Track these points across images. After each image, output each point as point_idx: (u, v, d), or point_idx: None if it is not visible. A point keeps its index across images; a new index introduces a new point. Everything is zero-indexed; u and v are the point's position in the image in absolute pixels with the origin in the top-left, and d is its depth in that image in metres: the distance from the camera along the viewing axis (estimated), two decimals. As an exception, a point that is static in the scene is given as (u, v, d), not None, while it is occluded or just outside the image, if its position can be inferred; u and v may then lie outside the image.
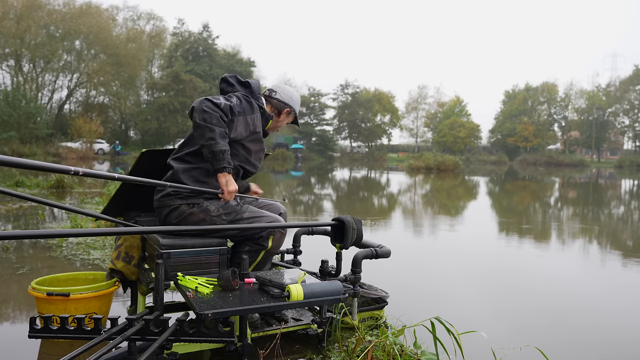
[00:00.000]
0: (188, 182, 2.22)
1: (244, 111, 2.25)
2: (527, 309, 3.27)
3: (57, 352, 2.25)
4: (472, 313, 3.13)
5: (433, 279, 4.06)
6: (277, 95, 2.55)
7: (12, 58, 40.05)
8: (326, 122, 61.33)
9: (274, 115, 2.55)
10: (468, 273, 4.25)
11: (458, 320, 2.25)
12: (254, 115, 2.31)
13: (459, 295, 3.52)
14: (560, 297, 3.57)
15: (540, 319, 3.03)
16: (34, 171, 14.21)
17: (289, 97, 2.58)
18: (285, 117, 2.60)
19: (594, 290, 3.89)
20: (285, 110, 2.57)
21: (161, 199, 2.26)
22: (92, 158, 33.95)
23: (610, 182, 23.40)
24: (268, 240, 2.30)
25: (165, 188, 2.23)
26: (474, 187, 17.57)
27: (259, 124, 2.37)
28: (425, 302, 3.37)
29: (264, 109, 2.43)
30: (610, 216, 9.36)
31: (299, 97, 2.66)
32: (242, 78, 2.48)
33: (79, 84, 44.83)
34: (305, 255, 3.13)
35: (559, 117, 60.82)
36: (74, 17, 41.73)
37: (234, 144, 2.29)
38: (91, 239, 4.92)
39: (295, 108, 2.61)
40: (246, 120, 2.25)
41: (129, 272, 2.45)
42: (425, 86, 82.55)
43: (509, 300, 3.49)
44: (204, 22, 62.11)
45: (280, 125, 2.64)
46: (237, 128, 2.22)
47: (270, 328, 2.28)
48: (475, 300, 3.41)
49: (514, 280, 4.10)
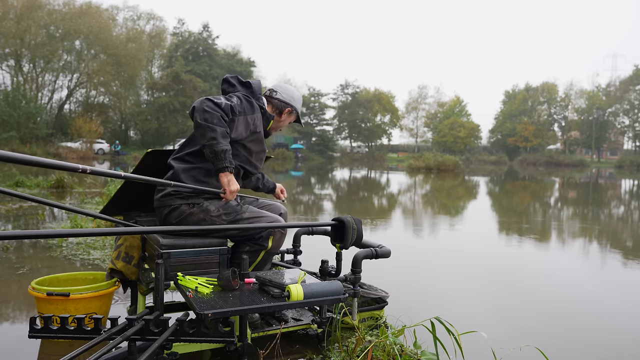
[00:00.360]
0: (188, 181, 2.21)
1: (245, 111, 2.24)
2: (528, 308, 3.27)
3: (57, 352, 2.25)
4: (472, 313, 3.13)
5: (433, 279, 4.06)
6: (277, 95, 2.54)
7: (12, 58, 40.07)
8: (326, 122, 61.40)
9: (275, 115, 2.54)
10: (468, 273, 4.25)
11: (458, 320, 2.25)
12: (255, 115, 2.30)
13: (459, 295, 3.52)
14: (560, 297, 3.57)
15: (540, 319, 3.03)
16: (34, 171, 14.21)
17: (290, 97, 2.56)
18: (287, 116, 2.58)
19: (594, 290, 3.88)
20: (287, 110, 2.55)
21: (161, 199, 2.26)
22: (92, 158, 33.95)
23: (610, 182, 23.40)
24: (268, 241, 2.30)
25: (166, 188, 2.23)
26: (474, 187, 17.57)
27: (259, 124, 2.36)
28: (425, 302, 3.37)
29: (265, 109, 2.42)
30: (610, 216, 9.36)
31: (300, 96, 2.64)
32: (243, 78, 2.48)
33: (79, 84, 44.85)
34: (305, 255, 3.13)
35: (559, 117, 60.86)
36: (74, 17, 41.74)
37: (235, 144, 2.29)
38: (91, 239, 4.92)
39: (297, 107, 2.59)
40: (247, 120, 2.25)
41: (129, 272, 2.45)
42: (425, 86, 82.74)
43: (509, 300, 3.49)
44: (204, 22, 62.22)
45: (282, 125, 2.62)
46: (238, 128, 2.21)
47: (270, 328, 2.28)
48: (476, 300, 3.41)
49: (514, 280, 4.10)
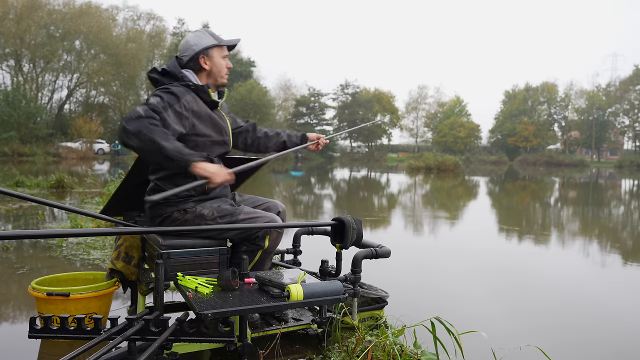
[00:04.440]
0: (169, 188, 2.07)
1: (169, 104, 2.05)
2: (528, 308, 3.27)
3: (57, 352, 2.25)
4: (473, 313, 3.13)
5: (433, 279, 4.06)
6: (184, 54, 2.26)
7: (12, 58, 40.05)
8: (326, 122, 61.38)
9: (205, 70, 2.27)
10: (468, 272, 4.25)
11: (458, 320, 2.24)
12: (182, 100, 2.10)
13: (460, 295, 3.52)
14: (561, 297, 3.57)
15: (541, 319, 3.03)
16: (34, 171, 14.23)
17: (187, 45, 2.25)
18: (208, 61, 2.26)
19: (599, 290, 3.88)
20: (200, 58, 2.25)
21: (151, 209, 2.20)
22: (92, 158, 33.95)
23: (610, 182, 23.40)
24: (265, 240, 2.26)
25: (151, 199, 2.08)
26: (474, 187, 17.57)
27: (195, 103, 2.16)
28: (426, 301, 3.37)
29: (194, 83, 2.19)
30: (611, 215, 9.36)
31: (197, 35, 2.28)
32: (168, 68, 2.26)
33: (79, 84, 44.85)
34: (305, 255, 3.13)
35: (559, 117, 60.82)
36: (74, 17, 41.73)
37: (187, 137, 2.13)
38: (91, 239, 4.92)
39: (202, 42, 2.24)
40: (176, 111, 2.06)
41: (129, 272, 2.44)
42: (425, 86, 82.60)
43: (510, 299, 3.49)
44: (204, 22, 62.08)
45: (219, 70, 2.29)
46: (173, 124, 2.04)
47: (270, 328, 2.28)
48: (476, 300, 3.41)
49: (515, 279, 4.10)
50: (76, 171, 17.74)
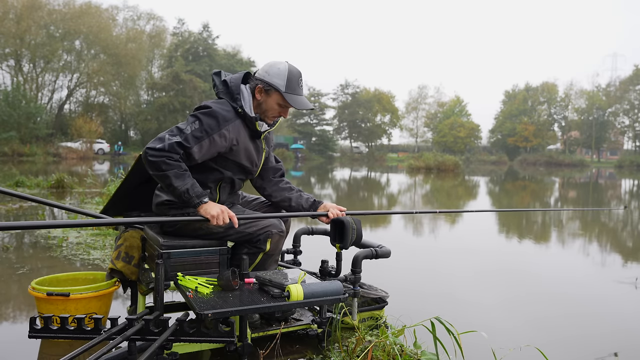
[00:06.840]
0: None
1: (207, 131, 2.07)
2: (528, 308, 3.27)
3: (57, 352, 2.25)
4: (473, 313, 3.12)
5: (433, 279, 4.05)
6: (258, 73, 2.23)
7: (12, 58, 40.05)
8: (326, 122, 61.44)
9: (257, 100, 2.23)
10: (468, 272, 4.25)
11: (458, 320, 2.24)
12: (223, 129, 2.10)
13: (459, 295, 3.52)
14: (561, 297, 3.57)
15: (541, 319, 3.03)
16: (34, 171, 14.22)
17: (265, 72, 2.20)
18: (265, 96, 2.20)
19: (599, 290, 3.88)
20: (257, 88, 2.20)
21: (156, 208, 2.28)
22: (92, 158, 33.94)
23: (610, 182, 23.40)
24: (266, 243, 2.25)
25: (160, 195, 2.25)
26: (474, 187, 17.56)
27: (237, 131, 2.16)
28: (425, 302, 3.37)
29: (244, 110, 2.17)
30: (610, 216, 9.36)
31: (280, 69, 2.18)
32: (229, 73, 2.29)
33: (79, 84, 44.86)
34: (305, 255, 3.13)
35: (559, 117, 60.82)
36: (74, 17, 41.74)
37: (218, 158, 2.19)
38: (91, 239, 4.92)
39: (274, 82, 2.17)
40: (211, 140, 2.08)
41: (129, 272, 2.44)
42: (425, 86, 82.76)
43: (509, 299, 3.48)
44: (204, 22, 61.99)
45: (267, 110, 2.23)
46: (207, 151, 2.10)
47: (270, 328, 2.28)
48: (476, 300, 3.41)
49: (515, 279, 4.10)
50: (76, 171, 17.74)
